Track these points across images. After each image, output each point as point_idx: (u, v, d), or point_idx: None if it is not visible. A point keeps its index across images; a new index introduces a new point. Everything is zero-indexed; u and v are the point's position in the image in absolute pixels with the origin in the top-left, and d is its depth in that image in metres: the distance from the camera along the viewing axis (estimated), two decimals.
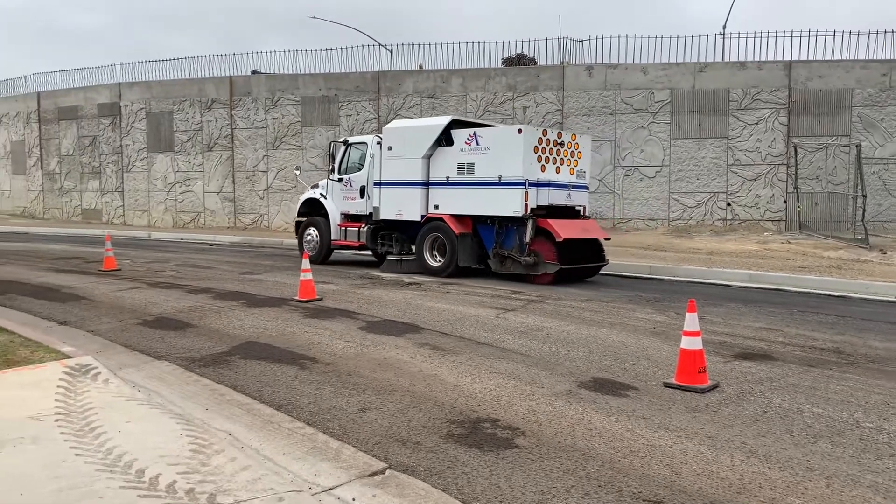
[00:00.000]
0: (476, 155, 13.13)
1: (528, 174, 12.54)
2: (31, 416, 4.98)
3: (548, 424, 5.08)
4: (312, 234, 15.91)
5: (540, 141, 12.78)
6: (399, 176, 14.11)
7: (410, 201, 13.95)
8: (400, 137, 14.21)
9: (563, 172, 13.26)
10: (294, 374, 6.47)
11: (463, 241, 13.32)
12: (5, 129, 34.96)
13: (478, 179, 13.10)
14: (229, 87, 27.54)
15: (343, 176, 15.44)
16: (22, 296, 10.68)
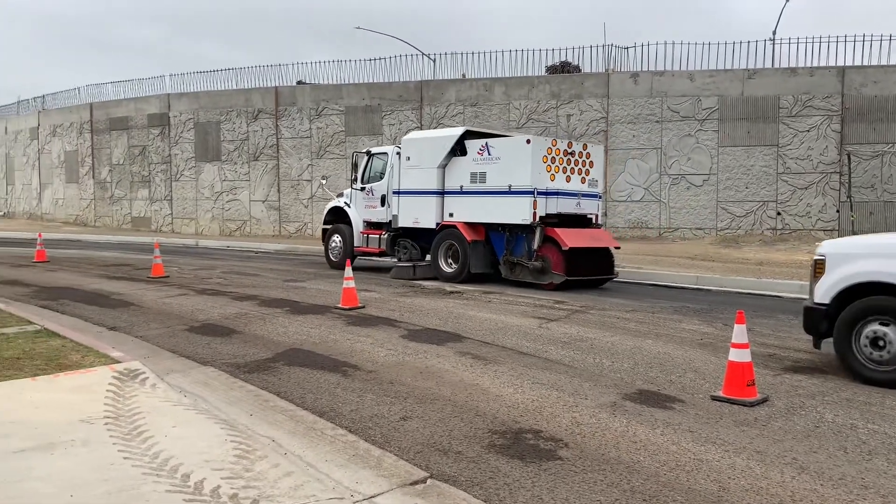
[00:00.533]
0: (488, 165, 13.54)
1: (536, 183, 12.89)
2: (82, 420, 5.09)
3: (591, 437, 5.00)
4: (337, 241, 16.53)
5: (549, 151, 13.13)
6: (416, 185, 14.59)
7: (426, 209, 14.44)
8: (417, 148, 14.74)
9: (573, 181, 13.57)
10: (336, 381, 6.50)
11: (475, 248, 13.71)
12: (60, 140, 36.05)
13: (489, 188, 13.51)
14: (275, 98, 27.98)
15: (365, 185, 16.02)
16: (74, 301, 10.96)
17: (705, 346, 8.05)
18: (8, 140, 40.75)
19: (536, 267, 13.02)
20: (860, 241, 7.35)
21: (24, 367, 6.45)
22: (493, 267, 13.94)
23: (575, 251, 12.87)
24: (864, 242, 7.22)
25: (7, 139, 40.83)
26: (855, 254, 6.71)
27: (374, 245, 15.60)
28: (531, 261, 13.07)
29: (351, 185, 16.60)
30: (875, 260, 6.49)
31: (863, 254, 6.67)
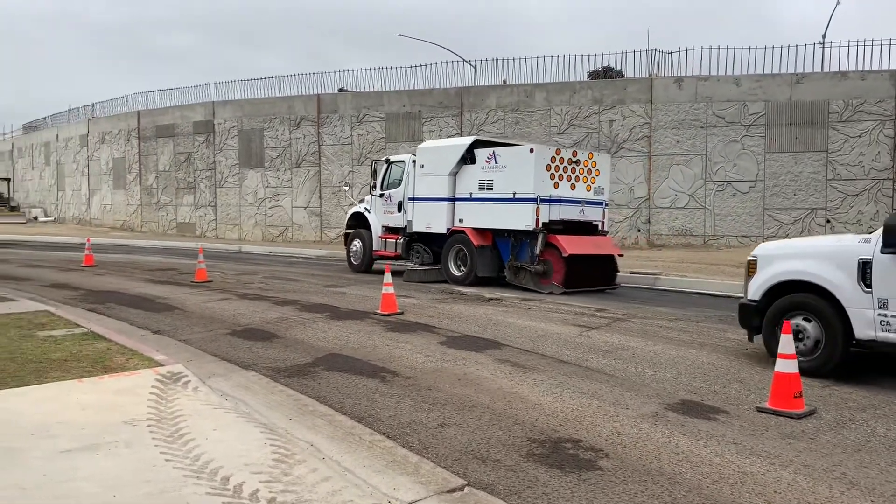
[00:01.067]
0: (495, 172, 14.09)
1: (539, 190, 13.37)
2: (126, 421, 5.18)
3: (632, 447, 4.91)
4: (357, 245, 17.11)
5: (553, 160, 13.59)
6: (429, 192, 15.20)
7: (438, 215, 15.03)
8: (430, 156, 15.36)
9: (578, 189, 14.00)
10: (375, 386, 6.50)
11: (482, 252, 14.25)
12: (108, 147, 36.96)
13: (496, 195, 14.03)
14: (317, 105, 28.28)
15: (384, 192, 16.59)
16: (120, 305, 11.19)
17: (751, 356, 7.86)
18: (59, 147, 41.93)
19: (538, 271, 13.49)
20: (785, 244, 8.01)
21: (72, 368, 6.60)
22: (500, 271, 14.38)
23: (575, 258, 13.22)
24: (788, 245, 7.90)
25: (58, 146, 42.02)
26: (780, 255, 7.44)
27: (392, 249, 16.14)
28: (533, 265, 13.55)
29: (370, 192, 17.26)
30: (796, 260, 7.20)
31: (786, 255, 7.39)
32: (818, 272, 6.93)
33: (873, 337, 6.60)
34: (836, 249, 7.04)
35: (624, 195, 23.45)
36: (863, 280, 6.61)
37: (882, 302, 6.52)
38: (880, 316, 6.53)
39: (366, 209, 17.14)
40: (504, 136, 24.74)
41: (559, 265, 13.30)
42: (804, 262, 7.11)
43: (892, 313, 6.46)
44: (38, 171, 45.26)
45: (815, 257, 7.11)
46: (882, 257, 6.51)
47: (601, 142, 23.68)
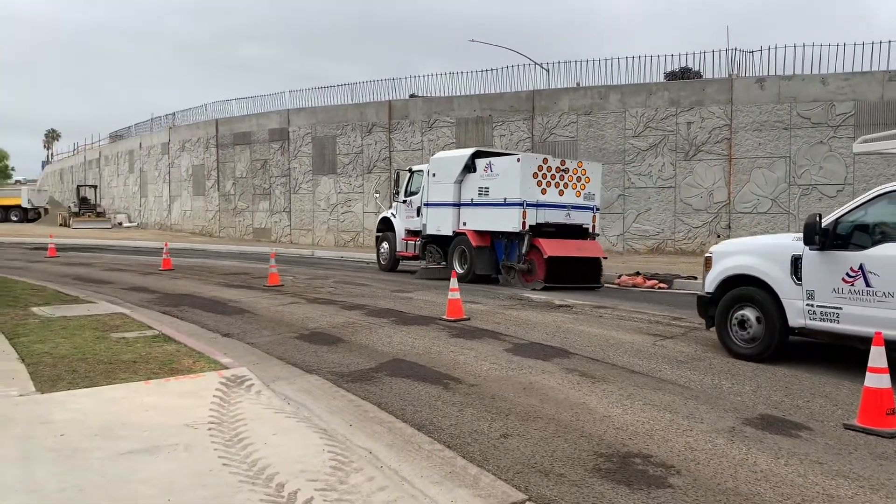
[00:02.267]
0: (491, 180, 15.46)
1: (525, 196, 14.61)
2: (187, 424, 5.18)
3: (706, 464, 4.61)
4: (385, 247, 18.85)
5: (540, 168, 14.82)
6: (439, 198, 16.66)
7: (446, 219, 16.48)
8: (440, 166, 16.85)
9: (566, 195, 15.20)
10: (437, 393, 6.36)
11: (480, 252, 15.64)
12: (188, 154, 38.18)
13: (491, 201, 15.43)
14: (388, 111, 28.49)
15: (406, 198, 18.11)
16: (193, 308, 11.41)
17: (838, 370, 7.37)
18: (142, 155, 43.60)
19: (523, 269, 14.84)
20: (736, 242, 8.91)
21: (140, 370, 6.70)
22: (497, 270, 15.66)
23: (556, 259, 14.50)
24: (738, 242, 8.79)
25: (141, 154, 43.70)
26: (730, 251, 8.25)
27: (412, 250, 17.80)
28: (519, 264, 14.85)
29: (393, 198, 18.93)
30: (743, 256, 7.99)
31: (736, 251, 8.18)
32: (759, 267, 7.71)
33: (803, 325, 7.35)
34: (774, 246, 7.82)
35: (702, 199, 22.71)
36: (794, 274, 7.36)
37: (810, 293, 7.25)
38: (808, 306, 7.26)
39: (392, 214, 18.76)
40: (576, 139, 24.35)
41: (541, 265, 14.65)
42: (749, 259, 7.90)
43: (818, 303, 7.19)
44: (123, 179, 47.20)
45: (757, 254, 7.88)
46: (810, 253, 7.21)
47: (678, 144, 23.01)
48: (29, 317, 9.62)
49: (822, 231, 7.02)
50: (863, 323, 6.81)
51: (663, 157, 23.25)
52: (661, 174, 23.29)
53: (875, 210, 7.00)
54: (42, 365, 6.78)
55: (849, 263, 6.93)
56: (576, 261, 14.87)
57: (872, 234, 6.98)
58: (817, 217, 7.07)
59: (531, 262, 14.81)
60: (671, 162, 23.16)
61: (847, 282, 6.95)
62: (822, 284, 7.15)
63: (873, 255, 6.80)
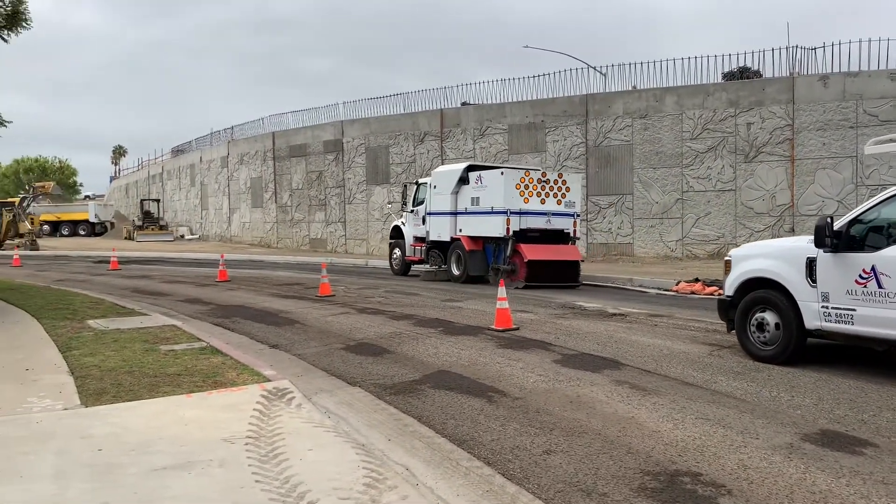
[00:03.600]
0: (481, 191, 17.14)
1: (508, 205, 16.29)
2: (225, 439, 5.13)
3: (760, 483, 4.31)
4: (397, 253, 20.66)
5: (522, 180, 16.53)
6: (439, 207, 18.40)
7: (445, 226, 18.19)
8: (440, 178, 18.62)
9: (548, 203, 16.81)
10: (480, 407, 6.18)
11: (473, 256, 17.36)
12: (246, 167, 38.92)
13: (481, 209, 17.09)
14: (440, 120, 28.47)
15: (414, 208, 19.84)
16: (245, 319, 11.49)
17: None
18: (203, 169, 44.66)
19: (507, 270, 16.35)
20: (754, 245, 9.01)
21: (183, 383, 6.71)
22: (488, 271, 17.20)
23: (535, 262, 16.13)
24: (756, 245, 8.87)
25: (202, 168, 44.77)
26: (749, 255, 8.32)
27: (419, 255, 19.57)
28: (504, 265, 16.44)
29: (402, 208, 20.84)
30: (761, 259, 8.05)
31: (754, 255, 8.24)
32: (776, 270, 7.75)
33: (819, 327, 7.35)
34: (790, 249, 7.84)
35: (764, 202, 21.95)
36: (809, 276, 7.39)
37: (825, 295, 7.26)
38: (823, 308, 7.28)
39: (402, 223, 20.56)
40: (632, 143, 23.88)
41: (522, 267, 16.22)
42: (766, 262, 7.96)
43: (832, 305, 7.20)
44: (185, 192, 48.43)
45: (774, 257, 7.93)
46: (825, 256, 7.22)
47: (738, 146, 22.31)
48: (84, 329, 9.81)
49: (836, 233, 7.06)
50: (876, 324, 6.84)
51: (722, 160, 22.58)
52: (721, 177, 22.61)
53: (889, 211, 6.94)
54: (89, 378, 6.86)
55: (861, 265, 6.94)
56: (554, 263, 16.47)
57: (887, 235, 6.94)
58: (828, 219, 7.08)
59: (514, 264, 16.42)
60: (731, 164, 22.47)
61: (860, 283, 6.97)
62: (836, 286, 7.17)
63: (885, 257, 6.78)
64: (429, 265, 18.97)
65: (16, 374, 7.05)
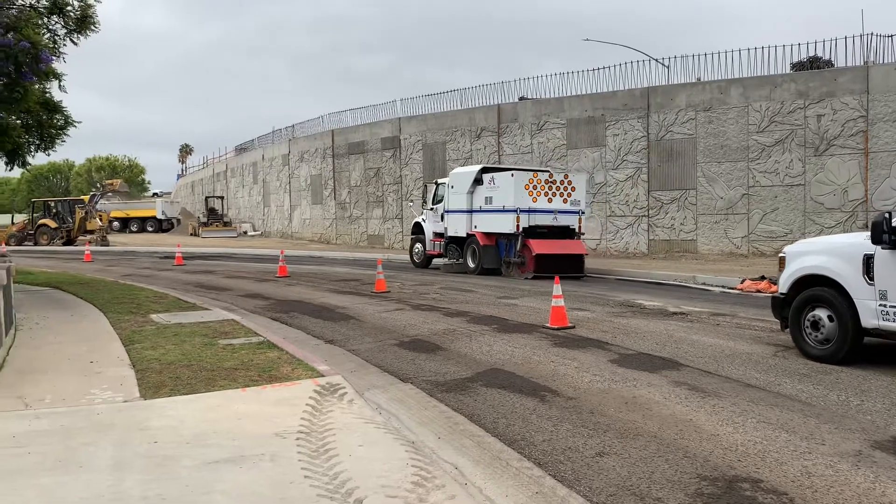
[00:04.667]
0: (493, 191, 18.70)
1: (518, 204, 17.77)
2: (276, 433, 5.17)
3: (825, 492, 4.11)
4: (419, 247, 22.25)
5: (531, 181, 18.01)
6: (456, 206, 19.96)
7: (461, 223, 19.75)
8: (457, 179, 20.28)
9: (555, 202, 18.21)
10: (533, 406, 6.09)
11: (486, 250, 18.86)
12: (306, 165, 39.48)
13: (494, 208, 18.58)
14: (497, 115, 28.30)
15: (433, 206, 21.57)
16: (302, 314, 11.62)
17: None
18: (265, 166, 45.50)
19: (517, 263, 17.91)
20: (810, 241, 8.91)
21: (239, 377, 6.80)
22: (500, 264, 18.64)
23: (543, 256, 17.52)
24: (811, 242, 8.72)
25: (264, 165, 45.62)
26: (804, 251, 8.14)
27: (438, 249, 21.08)
28: (514, 258, 17.97)
29: (422, 206, 22.58)
30: (815, 256, 7.86)
31: (809, 251, 8.07)
32: (831, 267, 7.56)
33: (876, 325, 7.18)
34: (846, 246, 7.65)
35: (835, 198, 21.11)
36: (867, 273, 7.20)
37: (882, 293, 7.08)
38: (881, 306, 7.09)
39: (422, 220, 22.06)
40: (695, 137, 23.30)
41: (531, 260, 17.62)
42: (821, 258, 7.77)
43: (891, 303, 7.02)
44: (248, 189, 49.44)
45: (829, 253, 7.73)
46: (882, 252, 7.04)
47: (807, 139, 21.52)
48: (147, 323, 10.08)
49: (893, 229, 6.86)
50: None
51: (791, 153, 21.80)
52: (789, 171, 21.84)
53: None
54: (149, 371, 7.02)
55: None
56: (560, 256, 17.78)
57: None
58: (886, 215, 6.94)
59: (524, 256, 17.81)
60: (799, 158, 21.68)
61: None
62: (894, 284, 6.98)
63: None
64: (447, 258, 20.48)
65: (81, 367, 7.27)
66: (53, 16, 12.61)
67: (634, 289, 15.51)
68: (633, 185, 24.46)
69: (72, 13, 12.70)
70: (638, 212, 24.34)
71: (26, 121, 12.98)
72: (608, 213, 25.01)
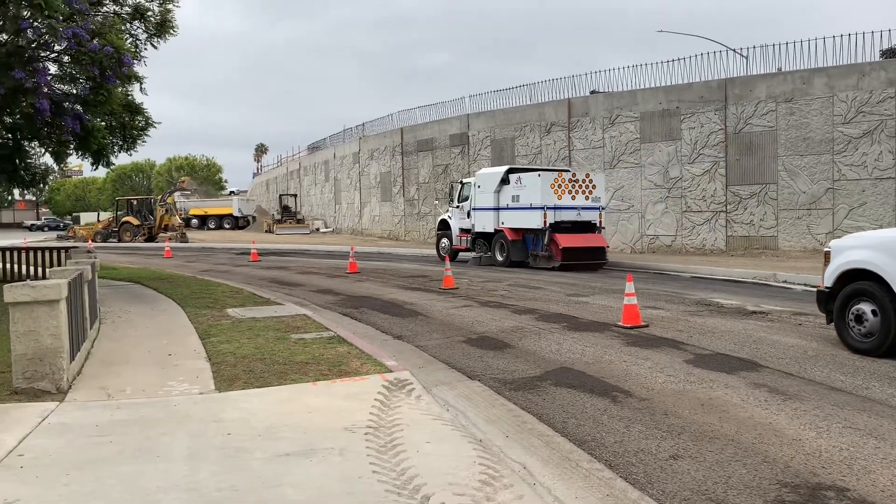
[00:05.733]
0: (520, 190, 20.16)
1: (545, 201, 19.15)
2: (346, 428, 5.21)
3: None
4: (445, 242, 23.73)
5: (556, 180, 19.33)
6: (484, 204, 21.49)
7: (489, 220, 21.30)
8: (484, 179, 21.83)
9: (577, 199, 19.59)
10: (604, 407, 5.95)
11: (514, 244, 20.36)
12: (376, 162, 39.90)
13: (521, 205, 20.03)
14: (567, 110, 27.93)
15: (459, 204, 23.00)
16: (371, 310, 11.73)
17: None
18: (336, 164, 46.22)
19: (545, 255, 19.37)
20: (856, 235, 8.83)
21: (310, 371, 6.90)
22: (527, 257, 20.16)
23: (569, 248, 19.02)
24: (856, 236, 8.68)
25: (335, 164, 46.34)
26: (849, 246, 8.23)
27: (465, 244, 22.58)
28: (542, 252, 19.41)
29: (449, 204, 24.24)
30: (861, 251, 7.93)
31: (854, 246, 8.14)
32: (874, 261, 7.66)
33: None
34: (889, 240, 7.73)
35: None
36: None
37: None
38: None
39: (448, 216, 23.61)
40: (775, 129, 22.47)
41: (558, 252, 19.07)
42: (864, 253, 7.86)
43: None
44: (320, 187, 50.33)
45: (873, 248, 7.81)
46: None
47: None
48: (223, 318, 10.35)
49: None
50: None
51: (880, 145, 20.76)
52: (878, 164, 20.79)
53: None
54: (224, 364, 7.19)
55: None
56: (584, 249, 19.36)
57: None
58: None
59: (550, 250, 19.28)
60: (890, 150, 20.61)
61: None
62: None
63: None
64: (475, 252, 22.13)
65: (159, 359, 7.51)
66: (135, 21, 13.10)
67: (711, 286, 15.05)
68: (709, 179, 23.76)
69: (152, 18, 13.17)
70: (715, 207, 23.64)
71: (110, 122, 13.51)
72: (683, 209, 24.37)
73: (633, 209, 25.64)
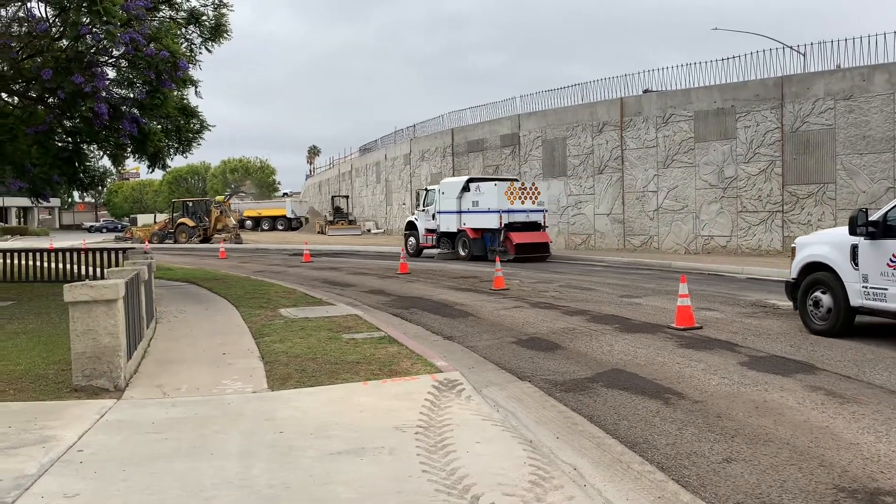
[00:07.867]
0: (479, 196, 23.93)
1: (501, 206, 22.97)
2: (396, 427, 5.27)
3: None
4: (412, 240, 27.25)
5: (509, 189, 23.23)
6: (447, 208, 25.15)
7: (452, 221, 24.97)
8: (447, 187, 25.55)
9: (526, 203, 23.60)
10: (656, 409, 5.89)
11: (475, 242, 24.11)
12: (427, 164, 40.07)
13: (480, 209, 23.81)
14: (619, 109, 27.61)
15: (424, 207, 26.57)
16: (422, 311, 11.81)
17: None
18: (387, 166, 46.58)
19: (501, 250, 22.29)
20: (817, 233, 10.54)
21: (361, 371, 6.99)
22: (485, 252, 23.59)
23: (521, 244, 22.97)
24: (819, 234, 10.27)
25: (386, 165, 46.71)
26: (811, 242, 9.52)
27: (430, 242, 26.29)
28: (498, 248, 22.60)
29: (415, 208, 28.57)
30: (818, 246, 9.24)
31: (815, 242, 9.45)
32: (828, 255, 8.94)
33: (861, 304, 8.47)
34: (839, 237, 8.90)
35: None
36: (853, 260, 8.54)
37: (864, 277, 8.39)
38: (864, 288, 8.40)
39: (415, 219, 27.33)
40: (834, 127, 21.84)
41: (511, 247, 22.81)
42: (822, 248, 9.15)
43: (871, 285, 8.32)
44: (371, 189, 50.79)
45: (827, 243, 9.11)
46: (865, 242, 8.36)
47: None
48: (276, 318, 10.55)
49: (872, 223, 8.21)
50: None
51: None
52: None
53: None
54: (277, 363, 7.34)
55: (891, 250, 8.09)
56: (533, 244, 23.42)
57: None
58: (860, 211, 8.37)
59: (505, 245, 22.93)
60: None
61: (891, 266, 8.10)
62: (873, 269, 8.29)
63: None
64: (440, 249, 25.78)
65: (214, 358, 7.71)
66: (190, 26, 13.43)
67: (767, 288, 14.70)
68: (765, 179, 23.21)
69: (207, 22, 13.48)
70: (771, 207, 23.08)
71: (165, 125, 13.87)
72: (739, 209, 23.86)
73: (686, 209, 25.20)
